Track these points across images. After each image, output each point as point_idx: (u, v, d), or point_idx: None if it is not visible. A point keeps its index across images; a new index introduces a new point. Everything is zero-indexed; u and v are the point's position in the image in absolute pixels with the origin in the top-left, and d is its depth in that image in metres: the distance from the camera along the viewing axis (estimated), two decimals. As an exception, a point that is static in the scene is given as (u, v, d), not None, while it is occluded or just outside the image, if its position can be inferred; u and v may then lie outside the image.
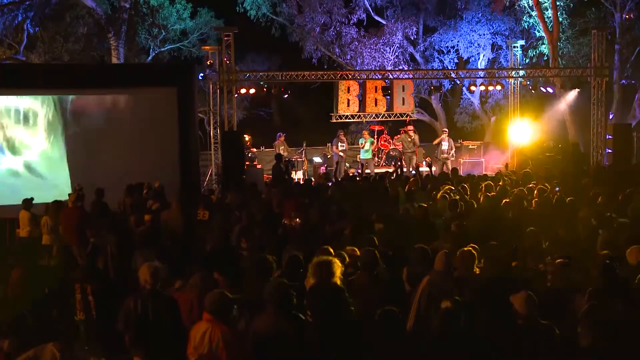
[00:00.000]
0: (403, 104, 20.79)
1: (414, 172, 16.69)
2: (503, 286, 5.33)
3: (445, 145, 18.94)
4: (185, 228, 9.20)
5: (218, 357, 4.51)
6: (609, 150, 18.63)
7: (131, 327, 5.22)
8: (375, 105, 20.74)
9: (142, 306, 5.22)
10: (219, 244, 7.45)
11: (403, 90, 20.69)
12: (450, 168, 16.80)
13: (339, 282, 5.38)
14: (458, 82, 21.92)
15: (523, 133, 20.49)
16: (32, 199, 11.67)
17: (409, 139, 18.82)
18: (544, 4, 21.94)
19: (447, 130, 20.31)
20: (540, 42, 23.54)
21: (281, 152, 18.57)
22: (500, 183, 11.89)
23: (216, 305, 4.66)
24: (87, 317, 6.14)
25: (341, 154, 18.70)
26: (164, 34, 24.27)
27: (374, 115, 21.06)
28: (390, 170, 17.90)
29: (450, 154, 18.96)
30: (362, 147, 18.99)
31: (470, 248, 6.04)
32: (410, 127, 19.17)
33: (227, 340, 4.51)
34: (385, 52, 24.67)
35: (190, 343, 4.74)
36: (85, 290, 6.14)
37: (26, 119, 15.07)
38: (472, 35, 24.88)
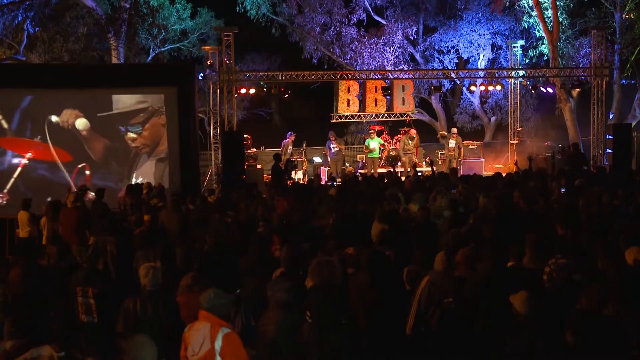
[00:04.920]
0: (403, 104, 20.78)
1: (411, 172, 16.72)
2: (503, 286, 5.33)
3: (452, 143, 19.00)
4: (180, 228, 9.17)
5: (221, 355, 4.41)
6: (609, 150, 18.62)
7: (130, 328, 5.21)
8: (375, 105, 20.73)
9: (141, 307, 5.22)
10: (217, 243, 7.43)
11: (403, 90, 20.69)
12: (453, 167, 16.83)
13: (339, 282, 5.37)
14: (458, 82, 21.91)
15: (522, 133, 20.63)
16: (30, 199, 11.67)
17: (410, 141, 18.83)
18: (544, 4, 21.93)
19: (455, 129, 20.30)
20: (540, 42, 23.54)
21: (288, 151, 18.60)
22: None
23: (213, 301, 4.58)
24: (89, 319, 6.14)
25: (335, 149, 18.62)
26: (164, 34, 24.28)
27: (374, 115, 21.05)
28: (391, 170, 17.93)
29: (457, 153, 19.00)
30: (370, 151, 18.84)
31: (471, 248, 6.04)
32: (413, 130, 19.21)
33: (229, 337, 4.45)
34: (385, 52, 24.68)
35: (184, 345, 4.62)
36: (87, 293, 6.14)
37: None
38: (472, 35, 24.90)
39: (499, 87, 20.82)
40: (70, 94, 14.68)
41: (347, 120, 21.55)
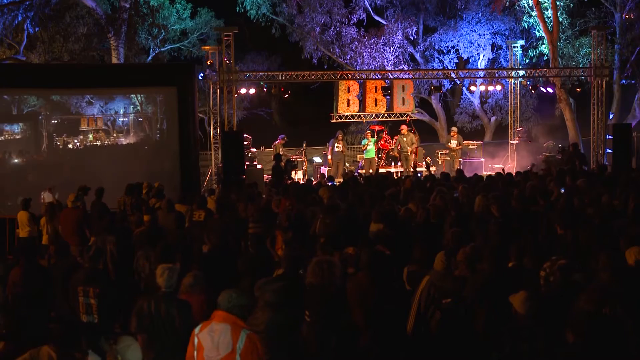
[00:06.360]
0: (403, 104, 20.77)
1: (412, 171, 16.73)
2: (503, 286, 5.33)
3: (454, 143, 19.06)
4: (176, 228, 9.16)
5: (242, 355, 4.32)
6: (609, 150, 18.63)
7: (144, 328, 5.21)
8: (375, 105, 20.72)
9: (155, 307, 5.23)
10: (217, 243, 7.42)
11: (403, 90, 20.67)
12: (458, 167, 16.87)
13: (338, 282, 5.37)
14: (458, 82, 21.92)
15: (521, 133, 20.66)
16: (29, 199, 11.66)
17: (404, 139, 18.84)
18: (544, 4, 21.94)
19: (455, 128, 20.41)
20: (540, 42, 23.56)
21: (280, 152, 18.62)
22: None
23: (234, 302, 4.48)
24: (90, 319, 6.13)
25: (338, 149, 18.67)
26: (164, 34, 24.32)
27: (374, 115, 21.04)
28: (392, 170, 17.94)
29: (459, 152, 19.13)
30: (365, 149, 18.98)
31: (471, 247, 6.03)
32: (404, 127, 19.12)
33: (251, 337, 4.39)
34: (385, 52, 24.70)
35: (195, 346, 4.50)
36: (89, 293, 6.13)
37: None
38: (472, 35, 24.91)
39: (499, 87, 20.84)
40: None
41: (347, 120, 21.54)
